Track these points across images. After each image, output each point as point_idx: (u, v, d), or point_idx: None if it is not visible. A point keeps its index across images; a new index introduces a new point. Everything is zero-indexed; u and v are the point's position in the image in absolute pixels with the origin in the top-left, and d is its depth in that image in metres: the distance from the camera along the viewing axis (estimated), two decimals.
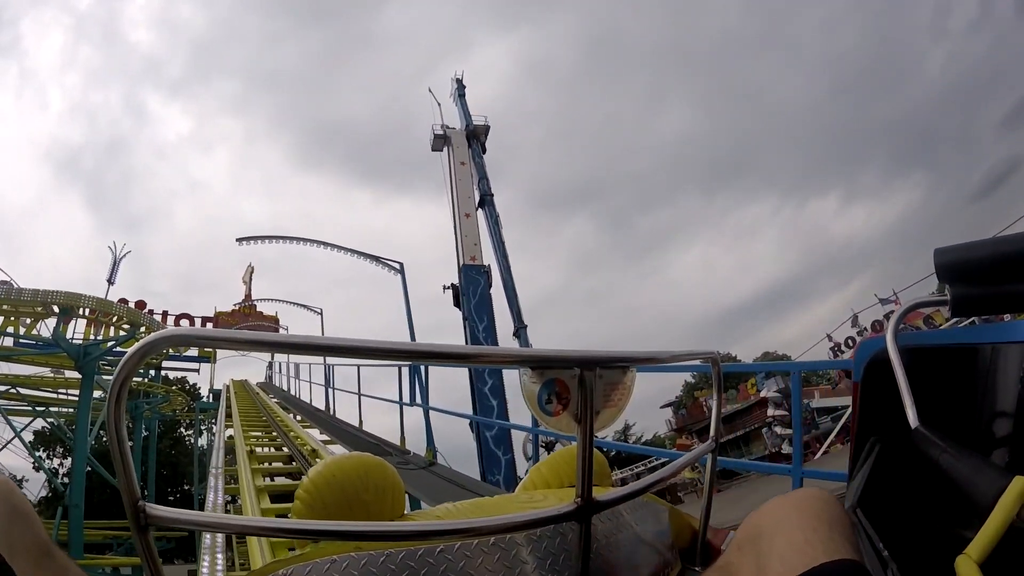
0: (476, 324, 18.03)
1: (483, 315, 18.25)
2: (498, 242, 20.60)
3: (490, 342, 18.24)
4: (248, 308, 26.34)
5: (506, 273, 19.78)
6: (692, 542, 1.12)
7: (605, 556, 0.87)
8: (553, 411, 0.74)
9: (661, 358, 0.92)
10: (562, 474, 1.16)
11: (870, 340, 1.04)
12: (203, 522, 0.69)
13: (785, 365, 21.73)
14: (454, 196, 21.07)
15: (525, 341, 19.12)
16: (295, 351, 0.63)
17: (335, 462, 0.92)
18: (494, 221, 21.54)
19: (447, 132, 23.12)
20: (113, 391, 0.51)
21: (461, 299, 19.18)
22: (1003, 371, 0.85)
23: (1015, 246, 0.82)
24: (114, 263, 21.14)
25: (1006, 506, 0.57)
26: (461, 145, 22.66)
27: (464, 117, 23.64)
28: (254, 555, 2.96)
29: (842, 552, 0.65)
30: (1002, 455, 0.82)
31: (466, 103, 24.45)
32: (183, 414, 23.00)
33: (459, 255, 19.70)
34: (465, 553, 0.75)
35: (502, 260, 20.13)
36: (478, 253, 19.97)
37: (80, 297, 14.53)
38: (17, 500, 0.75)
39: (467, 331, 18.21)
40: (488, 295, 18.85)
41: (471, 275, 19.17)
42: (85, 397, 14.26)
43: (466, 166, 22.25)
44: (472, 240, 20.12)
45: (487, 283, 19.16)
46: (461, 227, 20.39)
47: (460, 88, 25.11)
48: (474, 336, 17.90)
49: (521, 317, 19.03)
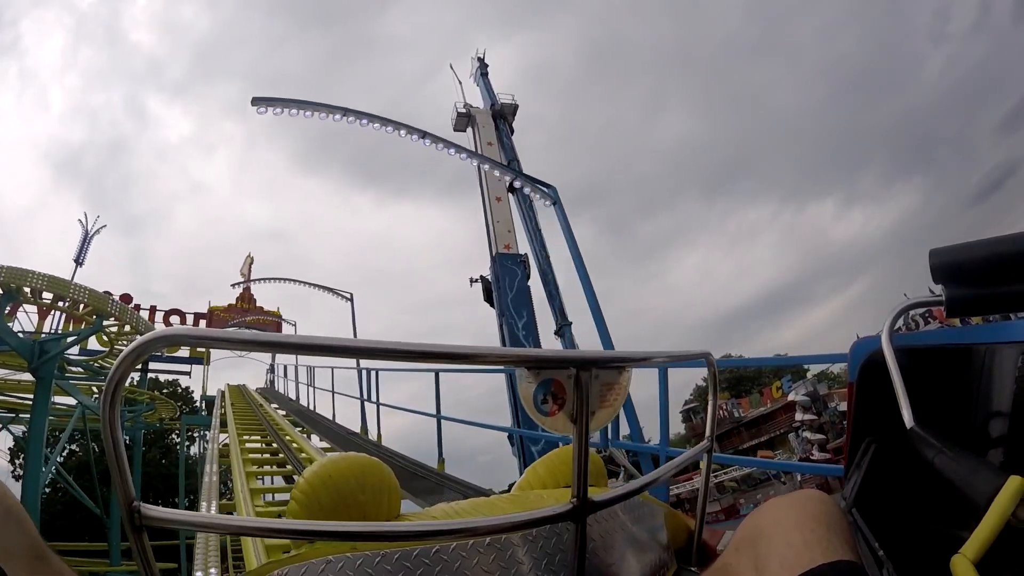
0: (515, 321, 14.75)
1: (523, 310, 15.06)
2: (534, 229, 17.29)
3: (532, 341, 16.14)
4: (247, 302, 22.35)
5: (544, 263, 16.46)
6: (688, 542, 1.11)
7: (601, 556, 0.87)
8: (549, 411, 0.73)
9: (656, 358, 0.91)
10: (558, 474, 1.14)
11: (865, 340, 1.01)
12: (198, 522, 0.65)
13: (781, 360, 20.08)
14: (482, 179, 17.74)
15: (570, 341, 15.79)
16: (295, 351, 0.62)
17: (331, 462, 0.89)
18: (528, 206, 18.15)
19: (471, 111, 19.72)
20: (107, 394, 0.52)
21: (494, 293, 15.70)
22: (998, 371, 0.84)
23: (1010, 246, 0.82)
24: (84, 239, 17.10)
25: (1001, 505, 0.57)
26: (487, 125, 19.64)
27: (488, 96, 21.69)
28: (249, 556, 2.86)
29: (840, 554, 0.66)
30: (997, 455, 0.81)
31: (489, 82, 21.19)
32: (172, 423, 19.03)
33: (491, 243, 16.45)
34: (461, 553, 0.75)
35: (539, 249, 16.82)
36: (512, 241, 16.68)
37: (27, 275, 10.59)
38: (10, 503, 0.71)
39: (503, 329, 14.94)
40: (527, 287, 16.07)
41: (506, 265, 15.89)
42: (40, 405, 10.62)
43: (493, 146, 18.94)
44: (505, 226, 16.89)
45: (525, 274, 15.78)
46: (492, 212, 17.12)
47: (483, 67, 22.11)
48: (512, 334, 14.62)
49: (564, 313, 15.65)
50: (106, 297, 13.28)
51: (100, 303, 12.97)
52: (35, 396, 11.89)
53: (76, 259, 18.13)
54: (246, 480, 5.00)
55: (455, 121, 21.45)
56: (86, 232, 18.35)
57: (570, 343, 16.86)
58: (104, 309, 13.08)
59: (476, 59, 23.80)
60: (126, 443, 13.23)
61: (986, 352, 0.86)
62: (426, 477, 5.33)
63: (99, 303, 12.93)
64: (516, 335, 15.62)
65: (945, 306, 0.89)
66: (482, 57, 23.75)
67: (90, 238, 18.32)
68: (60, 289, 12.17)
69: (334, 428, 8.53)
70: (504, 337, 15.74)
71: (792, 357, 10.93)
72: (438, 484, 5.13)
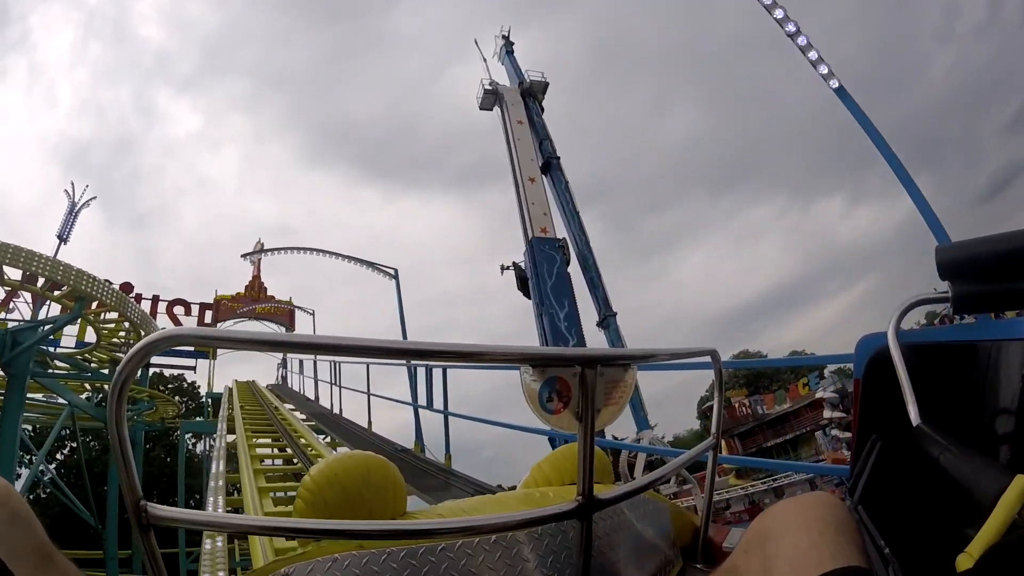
0: (556, 311, 12.62)
1: (564, 299, 13.17)
2: (571, 212, 15.17)
3: (574, 334, 14.40)
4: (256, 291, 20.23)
5: (585, 248, 14.37)
6: (694, 539, 1.11)
7: (606, 554, 0.87)
8: (554, 409, 0.72)
9: (661, 356, 0.91)
10: (564, 472, 1.13)
11: (871, 337, 1.00)
12: (205, 521, 0.68)
13: (787, 361, 20.78)
14: (515, 158, 15.90)
15: (615, 333, 13.54)
16: (304, 351, 0.80)
17: (337, 461, 0.90)
18: (564, 188, 15.99)
19: (498, 88, 17.74)
20: (113, 392, 0.52)
21: (530, 281, 13.63)
22: (1005, 369, 0.83)
23: (1016, 243, 0.81)
24: (70, 213, 14.63)
25: (1007, 504, 0.56)
26: (516, 103, 17.75)
27: (516, 75, 20.15)
28: (256, 555, 2.82)
29: (848, 557, 0.65)
30: (1004, 453, 0.81)
31: (515, 60, 19.18)
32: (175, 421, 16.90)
33: (527, 227, 14.48)
34: (467, 551, 0.75)
35: (578, 233, 14.73)
36: (549, 225, 14.61)
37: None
38: (16, 504, 0.71)
39: (543, 320, 12.96)
40: (566, 274, 13.65)
41: (544, 250, 13.88)
42: (11, 405, 8.43)
43: (524, 125, 16.86)
44: (541, 208, 14.93)
45: (564, 260, 13.71)
46: (526, 194, 15.13)
47: (508, 45, 20.33)
48: (554, 326, 12.64)
49: (608, 303, 13.60)
50: (90, 276, 10.59)
51: (80, 283, 10.47)
52: (6, 394, 9.79)
53: (60, 235, 15.48)
54: (254, 477, 4.80)
55: (480, 99, 19.74)
56: (73, 204, 15.85)
57: (615, 336, 14.73)
58: (85, 291, 10.62)
59: (501, 37, 21.79)
60: None
61: (992, 349, 0.86)
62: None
63: (79, 283, 10.45)
64: (557, 327, 13.58)
65: (951, 303, 0.89)
66: (507, 35, 21.80)
67: (77, 211, 15.87)
68: (25, 263, 9.77)
69: (373, 440, 6.40)
70: (544, 329, 13.70)
71: (799, 358, 10.65)
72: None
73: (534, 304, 14.91)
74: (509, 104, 19.12)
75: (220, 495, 4.60)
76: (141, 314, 13.24)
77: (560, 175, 17.26)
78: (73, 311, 10.96)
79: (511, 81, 20.30)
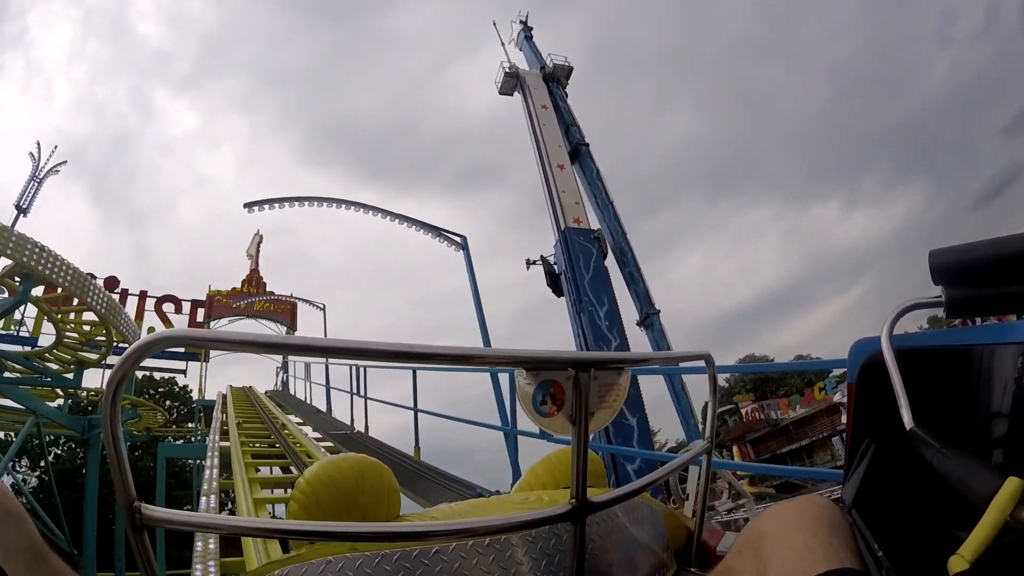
0: (596, 308, 11.11)
1: (603, 295, 11.77)
2: (605, 202, 13.59)
3: (616, 333, 12.57)
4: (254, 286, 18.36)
5: (622, 240, 12.78)
6: (688, 543, 1.10)
7: (600, 557, 0.87)
8: (548, 412, 0.72)
9: (655, 359, 1.00)
10: (557, 475, 1.11)
11: (865, 341, 1.00)
12: (198, 523, 0.66)
13: (780, 366, 21.27)
14: (541, 144, 14.35)
15: (660, 333, 11.91)
16: (300, 353, 0.58)
17: (331, 463, 0.90)
18: (596, 176, 14.35)
19: (519, 72, 16.10)
20: (108, 394, 0.52)
21: (566, 276, 12.01)
22: (998, 372, 0.83)
23: (1010, 247, 0.80)
24: (33, 178, 12.08)
25: (999, 506, 0.56)
26: (539, 87, 16.30)
27: (536, 59, 18.68)
28: (250, 557, 2.71)
29: (843, 559, 0.66)
30: (996, 456, 0.81)
31: (535, 45, 17.56)
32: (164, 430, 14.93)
33: (558, 218, 13.02)
34: (460, 554, 0.74)
35: (614, 225, 13.09)
36: (582, 215, 13.03)
37: None
38: (9, 503, 0.71)
39: (580, 320, 11.51)
40: (604, 267, 13.69)
41: (579, 242, 12.37)
42: None
43: (548, 110, 15.22)
44: (572, 197, 13.43)
45: (600, 253, 12.13)
46: (556, 182, 13.60)
47: (526, 31, 18.74)
48: (594, 326, 11.10)
49: (650, 299, 12.06)
50: (36, 245, 7.70)
51: (21, 253, 7.59)
52: None
53: (18, 204, 12.59)
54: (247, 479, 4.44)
55: (500, 84, 18.31)
56: (35, 166, 12.90)
57: (659, 336, 13.19)
58: (30, 265, 7.79)
59: (519, 22, 20.27)
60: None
61: (985, 353, 0.86)
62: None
63: (19, 253, 7.58)
64: (598, 326, 12.13)
65: (945, 307, 0.89)
66: (525, 20, 20.28)
67: (42, 177, 13.02)
68: None
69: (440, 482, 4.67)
70: (582, 329, 12.04)
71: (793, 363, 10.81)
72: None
73: (570, 302, 13.35)
74: (532, 88, 17.69)
75: (213, 496, 4.35)
76: (109, 302, 10.30)
77: (591, 163, 15.85)
78: (18, 295, 8.32)
79: (531, 67, 18.87)
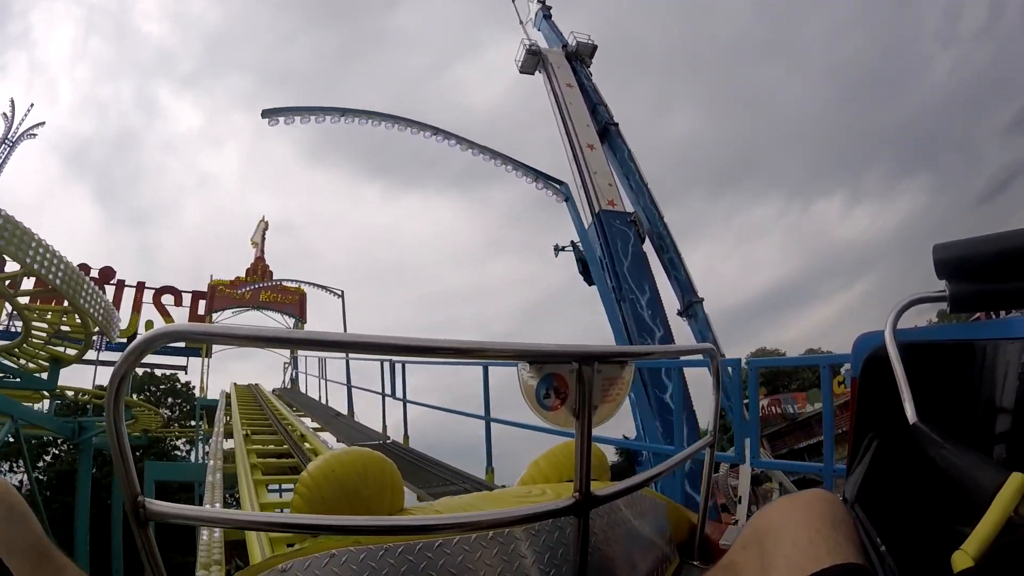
0: (637, 297, 9.89)
1: (643, 283, 10.59)
2: (639, 184, 12.37)
3: (660, 323, 11.51)
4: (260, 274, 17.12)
5: (659, 224, 11.61)
6: (690, 536, 1.10)
7: (603, 550, 0.87)
8: (551, 406, 0.72)
9: (658, 353, 1.00)
10: (561, 468, 1.11)
11: (868, 335, 1.00)
12: (201, 517, 0.67)
13: (782, 361, 20.49)
14: (568, 124, 13.33)
15: (704, 323, 12.35)
16: (304, 347, 0.65)
17: (334, 457, 0.90)
18: (627, 156, 13.14)
19: (541, 50, 14.84)
20: (111, 389, 0.52)
21: (604, 261, 10.87)
22: (1001, 367, 0.82)
23: (1014, 242, 0.80)
24: (5, 140, 10.27)
25: (1003, 502, 0.56)
26: (562, 66, 15.34)
27: (556, 38, 17.56)
28: (253, 551, 2.68)
29: (846, 554, 0.66)
30: (1000, 451, 0.80)
31: (554, 24, 16.27)
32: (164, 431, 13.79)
33: (591, 200, 12.05)
34: (464, 547, 0.75)
35: (650, 208, 11.91)
36: (617, 197, 11.84)
37: None
38: (14, 500, 0.72)
39: (620, 309, 10.13)
40: (642, 253, 12.60)
41: (615, 225, 11.22)
42: None
43: (574, 88, 14.05)
44: (605, 179, 12.30)
45: (638, 237, 10.95)
46: (587, 163, 12.50)
47: (545, 9, 17.30)
48: (637, 316, 9.94)
49: (693, 287, 10.89)
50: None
51: None
52: None
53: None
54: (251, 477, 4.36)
55: (521, 62, 17.16)
56: (8, 124, 10.65)
57: (704, 326, 12.10)
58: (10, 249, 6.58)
59: (537, 1, 19.04)
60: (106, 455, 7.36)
61: (989, 348, 0.85)
62: None
63: None
64: (640, 316, 11.07)
65: (949, 302, 0.88)
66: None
67: (16, 138, 10.82)
68: None
69: None
70: (625, 320, 10.96)
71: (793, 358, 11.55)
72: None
73: (609, 289, 12.31)
74: (555, 67, 16.61)
75: (217, 490, 4.36)
76: (83, 286, 8.37)
77: (621, 143, 14.76)
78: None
79: (551, 46, 17.74)
